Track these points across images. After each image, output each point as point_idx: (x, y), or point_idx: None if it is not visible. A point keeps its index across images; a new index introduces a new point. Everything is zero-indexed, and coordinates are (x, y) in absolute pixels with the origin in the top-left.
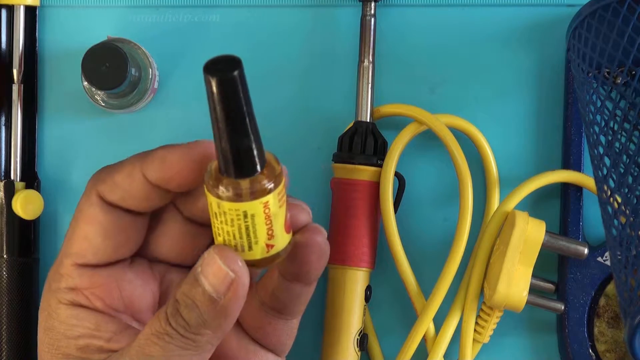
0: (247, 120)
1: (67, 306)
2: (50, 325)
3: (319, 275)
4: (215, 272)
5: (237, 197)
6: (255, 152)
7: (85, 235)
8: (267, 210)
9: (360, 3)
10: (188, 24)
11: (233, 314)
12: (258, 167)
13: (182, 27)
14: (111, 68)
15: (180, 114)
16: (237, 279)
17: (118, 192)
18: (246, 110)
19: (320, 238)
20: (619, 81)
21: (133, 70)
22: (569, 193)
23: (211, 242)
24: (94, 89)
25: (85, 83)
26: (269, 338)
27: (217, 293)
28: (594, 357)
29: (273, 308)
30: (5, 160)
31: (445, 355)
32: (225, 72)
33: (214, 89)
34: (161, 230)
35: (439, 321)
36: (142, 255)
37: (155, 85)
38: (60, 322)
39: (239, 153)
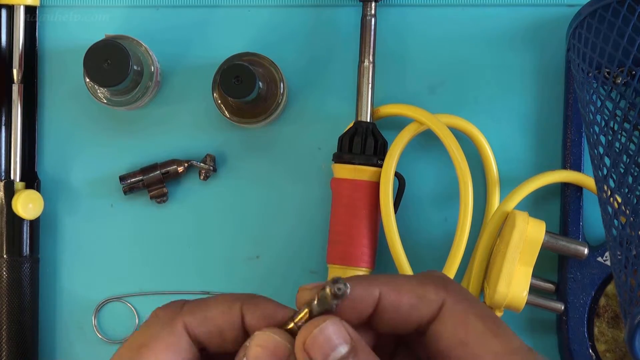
0: None
1: None
2: None
3: None
4: None
5: None
6: None
7: None
8: None
9: (361, 3)
10: (188, 23)
11: None
12: None
13: (182, 27)
14: (113, 65)
15: (183, 110)
16: None
17: (208, 327)
18: None
19: None
20: (619, 81)
21: (135, 66)
22: (569, 193)
23: None
24: (97, 87)
25: (88, 81)
26: None
27: None
28: (594, 357)
29: None
30: (5, 160)
31: None
32: None
33: None
34: None
35: None
36: None
37: (159, 79)
38: None
39: None
